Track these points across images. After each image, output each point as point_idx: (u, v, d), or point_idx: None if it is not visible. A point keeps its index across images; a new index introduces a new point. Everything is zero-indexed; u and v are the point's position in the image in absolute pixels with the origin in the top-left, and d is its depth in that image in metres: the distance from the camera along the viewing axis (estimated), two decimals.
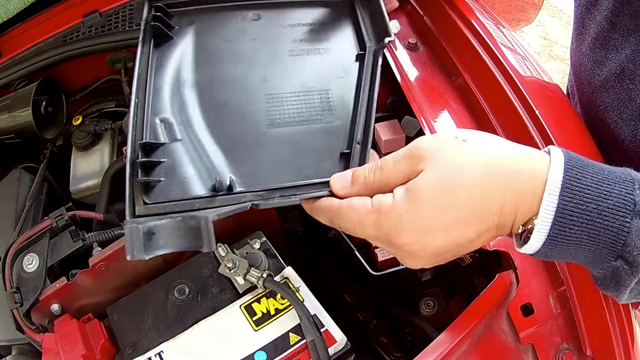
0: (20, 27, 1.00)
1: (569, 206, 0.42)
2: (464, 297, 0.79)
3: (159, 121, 0.54)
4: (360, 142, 0.55)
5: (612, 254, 0.43)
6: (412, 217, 0.44)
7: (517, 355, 0.63)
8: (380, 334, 0.79)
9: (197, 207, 0.48)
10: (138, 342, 0.62)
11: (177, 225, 0.44)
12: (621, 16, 0.66)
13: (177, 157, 0.52)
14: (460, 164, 0.44)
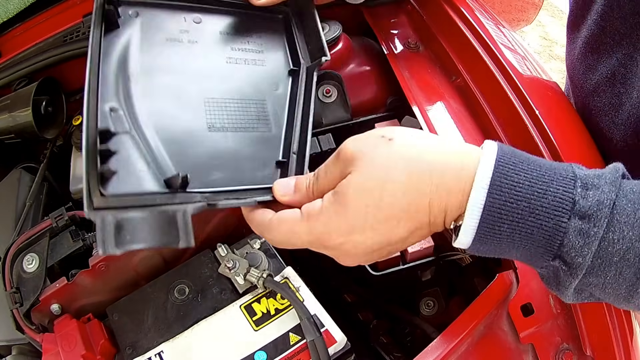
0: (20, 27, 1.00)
1: (497, 204, 0.41)
2: (464, 297, 0.79)
3: (109, 109, 0.53)
4: (296, 152, 0.58)
5: (549, 254, 0.42)
6: (339, 219, 0.45)
7: (517, 355, 0.63)
8: (380, 334, 0.79)
9: (159, 202, 0.46)
10: (138, 342, 0.62)
11: (150, 217, 0.43)
12: (611, 20, 0.65)
13: (128, 150, 0.51)
14: (383, 164, 0.44)
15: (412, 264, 0.70)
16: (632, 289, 0.42)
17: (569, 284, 0.43)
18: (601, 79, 0.70)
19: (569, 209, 0.40)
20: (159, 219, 0.43)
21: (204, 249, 0.69)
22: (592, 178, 0.41)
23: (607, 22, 0.66)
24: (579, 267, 0.41)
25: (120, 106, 0.54)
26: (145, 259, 0.70)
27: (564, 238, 0.41)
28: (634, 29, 0.62)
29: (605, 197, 0.40)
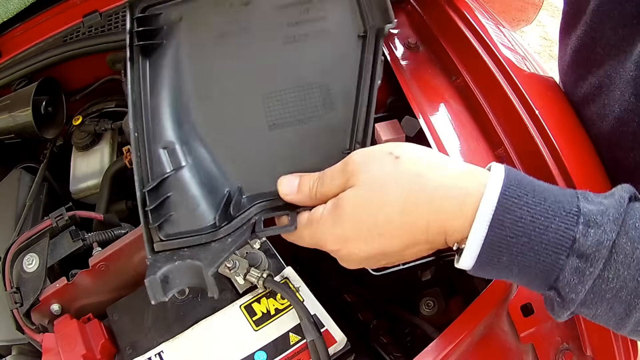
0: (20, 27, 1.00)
1: (497, 237, 0.42)
2: (464, 297, 0.79)
3: (162, 149, 0.54)
4: (360, 141, 0.55)
5: (545, 285, 0.43)
6: (335, 229, 0.47)
7: (517, 355, 0.63)
8: (380, 334, 0.79)
9: (205, 240, 0.52)
10: (138, 342, 0.62)
11: (185, 268, 0.50)
12: (602, 30, 0.65)
13: (183, 186, 0.53)
14: (385, 184, 0.45)
15: (412, 264, 0.70)
16: (621, 322, 0.42)
17: (561, 314, 0.44)
18: (590, 88, 0.70)
19: (568, 247, 0.41)
20: (193, 269, 0.50)
21: None
22: (596, 215, 0.41)
23: (598, 32, 0.66)
24: (572, 302, 0.42)
25: (175, 137, 0.54)
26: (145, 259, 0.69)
27: (560, 274, 0.41)
28: (624, 40, 0.61)
29: (606, 237, 0.40)
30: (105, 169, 0.90)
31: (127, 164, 0.87)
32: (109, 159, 0.93)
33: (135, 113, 0.53)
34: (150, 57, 0.55)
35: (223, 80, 0.56)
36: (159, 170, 0.53)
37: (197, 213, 0.52)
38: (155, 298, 0.48)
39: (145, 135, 0.54)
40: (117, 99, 1.03)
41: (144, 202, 0.51)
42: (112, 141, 0.96)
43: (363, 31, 0.54)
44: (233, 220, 0.53)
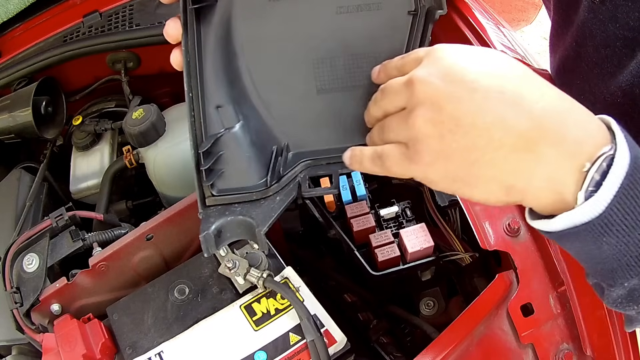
0: (20, 27, 1.00)
1: (634, 163, 0.36)
2: (464, 297, 0.79)
3: (215, 109, 0.55)
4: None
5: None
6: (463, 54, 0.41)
7: (517, 355, 0.63)
8: (380, 334, 0.79)
9: (255, 197, 0.54)
10: (138, 342, 0.62)
11: (237, 223, 0.53)
12: (585, 47, 0.64)
13: (234, 144, 0.55)
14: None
15: (412, 264, 0.70)
16: None
17: None
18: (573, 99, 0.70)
19: None
20: (244, 224, 0.53)
21: None
22: None
23: (582, 48, 0.65)
24: None
25: (227, 97, 0.56)
26: (145, 259, 0.70)
27: None
28: (607, 61, 0.61)
29: None
30: (105, 169, 0.90)
31: (127, 164, 0.87)
32: (109, 159, 0.93)
33: (190, 74, 0.54)
34: (203, 19, 0.56)
35: (274, 43, 0.57)
36: (213, 129, 0.55)
37: (248, 170, 0.55)
38: (208, 251, 0.51)
39: (199, 95, 0.55)
40: (117, 99, 1.03)
41: (199, 161, 0.53)
42: (112, 141, 0.96)
43: (414, 9, 0.55)
44: (281, 179, 0.55)
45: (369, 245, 0.72)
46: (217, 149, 0.55)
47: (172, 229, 0.69)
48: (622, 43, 0.58)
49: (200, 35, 0.55)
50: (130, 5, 0.98)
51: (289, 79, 0.57)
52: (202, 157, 0.53)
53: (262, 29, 0.56)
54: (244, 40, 0.56)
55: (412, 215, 0.74)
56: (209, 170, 0.53)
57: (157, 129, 0.81)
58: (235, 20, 0.56)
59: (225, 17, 0.56)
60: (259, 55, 0.57)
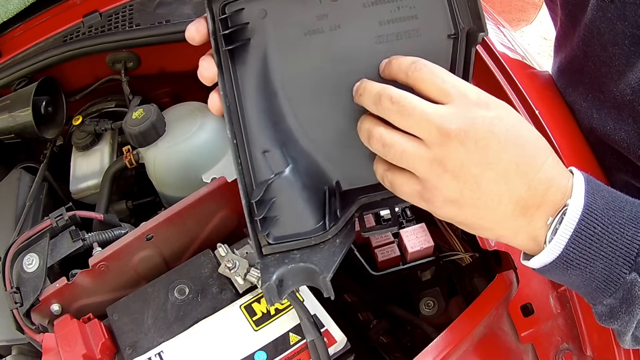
0: (20, 27, 1.00)
1: (592, 205, 0.44)
2: (464, 297, 0.79)
3: (262, 154, 0.53)
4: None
5: (627, 266, 0.44)
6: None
7: (517, 355, 0.63)
8: (380, 334, 0.79)
9: (314, 242, 0.53)
10: (138, 342, 0.62)
11: (298, 271, 0.51)
12: (592, 46, 0.65)
13: (287, 189, 0.53)
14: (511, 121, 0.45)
15: (412, 264, 0.70)
16: None
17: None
18: (579, 98, 0.70)
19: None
20: (306, 272, 0.51)
21: (204, 249, 0.69)
22: None
23: (589, 47, 0.65)
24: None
25: (273, 140, 0.54)
26: (145, 259, 0.70)
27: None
28: (615, 59, 0.61)
29: None
30: (105, 169, 0.90)
31: (127, 164, 0.87)
32: (109, 159, 0.93)
33: (231, 119, 0.52)
34: (237, 58, 0.53)
35: (314, 79, 0.54)
36: (262, 175, 0.53)
37: (303, 214, 0.53)
38: (271, 302, 0.50)
39: (244, 141, 0.53)
40: (117, 99, 1.03)
41: (251, 212, 0.51)
42: (112, 141, 0.95)
43: (454, 33, 0.53)
44: (338, 221, 0.53)
45: (369, 245, 0.72)
46: (269, 195, 0.53)
47: (172, 229, 0.69)
48: (631, 41, 0.58)
49: (237, 76, 0.53)
50: (130, 5, 0.98)
51: (332, 115, 0.55)
52: (256, 207, 0.51)
53: (300, 65, 0.54)
54: (282, 78, 0.54)
55: (412, 215, 0.75)
56: (263, 219, 0.52)
57: (157, 129, 0.81)
58: (271, 58, 0.54)
59: (261, 56, 0.54)
60: (300, 92, 0.55)
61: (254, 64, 0.54)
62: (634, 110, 0.59)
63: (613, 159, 0.67)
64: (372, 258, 0.72)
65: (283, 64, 0.54)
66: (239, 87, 0.53)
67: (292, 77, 0.54)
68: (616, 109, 0.63)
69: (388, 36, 0.53)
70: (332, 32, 0.54)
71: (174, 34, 0.91)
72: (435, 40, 0.53)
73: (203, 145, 0.82)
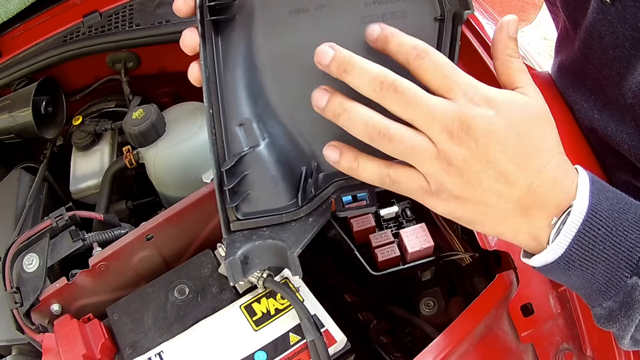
0: (20, 27, 1.00)
1: (597, 207, 0.44)
2: (464, 297, 0.79)
3: (238, 126, 0.53)
4: None
5: (628, 269, 0.44)
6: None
7: (517, 355, 0.63)
8: (380, 334, 0.79)
9: (285, 219, 0.51)
10: (138, 342, 0.62)
11: (266, 247, 0.50)
12: (593, 49, 0.64)
13: (260, 164, 0.52)
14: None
15: (412, 264, 0.70)
16: None
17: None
18: (580, 99, 0.70)
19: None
20: (274, 249, 0.49)
21: (204, 249, 0.69)
22: None
23: (589, 50, 0.65)
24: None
25: (251, 113, 0.53)
26: (145, 259, 0.70)
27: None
28: (616, 62, 0.61)
29: None
30: (105, 169, 0.90)
31: (127, 164, 0.87)
32: (109, 159, 0.93)
33: (209, 89, 0.52)
34: (222, 33, 0.53)
35: (298, 57, 0.54)
36: (236, 148, 0.52)
37: (275, 191, 0.52)
38: (234, 279, 0.48)
39: (220, 112, 0.52)
40: (117, 99, 1.03)
41: (221, 181, 0.50)
42: (112, 141, 0.96)
43: (440, 14, 0.53)
44: (313, 199, 0.52)
45: (369, 245, 0.72)
46: (241, 168, 0.52)
47: (172, 229, 0.69)
48: (631, 44, 0.58)
49: (219, 49, 0.53)
50: (130, 5, 0.98)
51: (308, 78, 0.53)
52: (226, 177, 0.50)
53: (285, 44, 0.54)
54: (266, 55, 0.54)
55: (412, 215, 0.75)
56: (232, 191, 0.50)
57: (157, 129, 0.81)
58: (256, 35, 0.54)
59: (246, 32, 0.54)
60: (283, 70, 0.54)
61: (238, 40, 0.53)
62: (635, 114, 0.59)
63: (614, 159, 0.67)
64: (372, 258, 0.71)
65: (267, 42, 0.54)
66: (220, 60, 0.53)
67: (276, 56, 0.54)
68: (618, 110, 0.63)
69: (373, 17, 0.53)
70: (317, 11, 0.53)
71: (174, 34, 0.91)
72: (422, 23, 0.53)
73: (203, 145, 0.82)
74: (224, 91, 0.53)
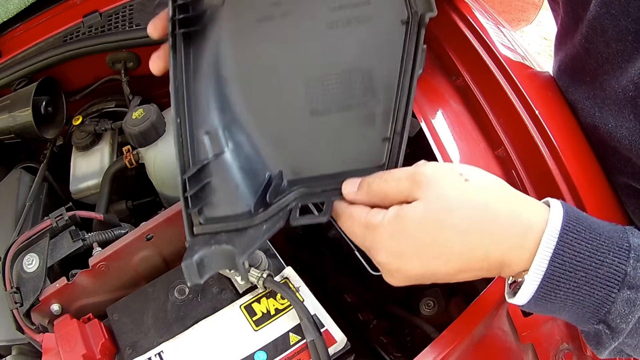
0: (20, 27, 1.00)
1: (557, 272, 0.43)
2: (464, 297, 0.79)
3: (204, 134, 0.54)
4: (399, 132, 0.53)
5: (595, 319, 0.45)
6: (392, 242, 0.46)
7: (517, 355, 0.63)
8: (380, 334, 0.79)
9: (241, 226, 0.52)
10: (138, 342, 0.62)
11: (220, 252, 0.50)
12: (595, 43, 0.65)
13: (222, 171, 0.53)
14: (451, 206, 0.44)
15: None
16: None
17: (608, 345, 0.46)
18: (581, 97, 0.70)
19: (620, 281, 0.43)
20: (226, 254, 0.50)
21: None
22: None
23: (591, 44, 0.65)
24: (621, 332, 0.44)
25: (218, 122, 0.54)
26: (145, 259, 0.70)
27: (612, 307, 0.44)
28: (618, 55, 0.61)
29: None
30: (105, 169, 0.90)
31: (127, 164, 0.87)
32: (109, 159, 0.93)
33: (177, 99, 0.53)
34: (193, 44, 0.55)
35: (265, 65, 0.55)
36: (200, 155, 0.54)
37: (236, 198, 0.53)
38: (191, 280, 0.49)
39: (187, 121, 0.54)
40: (117, 99, 1.03)
41: (185, 188, 0.52)
42: (112, 141, 0.96)
43: (406, 17, 0.52)
44: (269, 207, 0.53)
45: None
46: (204, 175, 0.53)
47: (172, 229, 0.69)
48: (634, 37, 0.58)
49: (190, 60, 0.54)
50: (130, 5, 0.98)
51: (281, 102, 0.55)
52: (188, 184, 0.52)
53: (251, 52, 0.55)
54: (233, 64, 0.55)
55: None
56: (195, 197, 0.52)
57: (157, 129, 0.81)
58: (223, 45, 0.55)
59: (215, 42, 0.55)
60: (250, 79, 0.55)
61: (208, 50, 0.55)
62: (635, 107, 0.60)
63: (614, 160, 0.67)
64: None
65: (235, 51, 0.55)
66: (191, 70, 0.54)
67: (243, 63, 0.55)
68: (616, 106, 0.63)
69: (339, 22, 0.54)
70: (283, 19, 0.54)
71: None
72: (388, 26, 0.53)
73: None
74: (191, 100, 0.54)
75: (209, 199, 0.53)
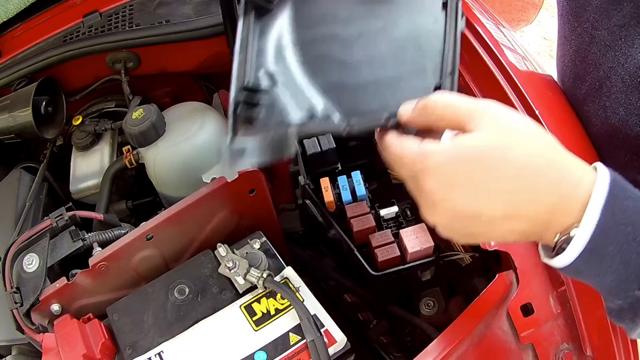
0: (20, 27, 1.00)
1: (609, 222, 0.42)
2: (464, 297, 0.79)
3: (262, 72, 0.59)
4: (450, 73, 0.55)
5: (636, 283, 0.43)
6: (445, 168, 0.44)
7: (517, 355, 0.63)
8: (380, 334, 0.79)
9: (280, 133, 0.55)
10: (138, 342, 0.62)
11: (263, 138, 0.53)
12: (600, 30, 0.65)
13: (276, 98, 0.57)
14: (512, 142, 0.43)
15: (412, 264, 0.70)
16: None
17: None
18: (590, 89, 0.70)
19: None
20: (268, 139, 0.53)
21: (204, 249, 0.69)
22: None
23: (597, 30, 0.66)
24: None
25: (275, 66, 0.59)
26: (145, 259, 0.70)
27: None
28: (621, 41, 0.62)
29: None
30: (105, 169, 0.90)
31: (127, 164, 0.87)
32: (109, 159, 0.93)
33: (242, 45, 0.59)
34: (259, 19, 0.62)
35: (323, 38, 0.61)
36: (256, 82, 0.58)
37: (285, 113, 0.56)
38: (230, 173, 0.56)
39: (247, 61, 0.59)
40: (117, 99, 1.03)
41: (238, 98, 0.56)
42: (112, 141, 0.96)
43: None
44: (319, 122, 0.56)
45: (369, 245, 0.72)
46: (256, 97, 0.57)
47: (172, 229, 0.69)
48: (636, 22, 0.59)
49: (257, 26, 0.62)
50: (130, 5, 0.98)
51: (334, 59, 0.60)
52: (246, 93, 0.56)
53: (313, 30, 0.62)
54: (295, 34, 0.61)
55: (412, 215, 0.74)
56: (244, 110, 0.55)
57: (157, 129, 0.81)
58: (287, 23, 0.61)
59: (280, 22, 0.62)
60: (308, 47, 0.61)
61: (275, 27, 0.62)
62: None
63: (622, 155, 0.67)
64: (372, 258, 0.71)
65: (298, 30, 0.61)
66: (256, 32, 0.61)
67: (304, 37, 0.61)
68: (624, 93, 0.63)
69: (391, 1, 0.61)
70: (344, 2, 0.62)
71: (174, 34, 0.91)
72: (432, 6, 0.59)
73: (203, 145, 0.82)
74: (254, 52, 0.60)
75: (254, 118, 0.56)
